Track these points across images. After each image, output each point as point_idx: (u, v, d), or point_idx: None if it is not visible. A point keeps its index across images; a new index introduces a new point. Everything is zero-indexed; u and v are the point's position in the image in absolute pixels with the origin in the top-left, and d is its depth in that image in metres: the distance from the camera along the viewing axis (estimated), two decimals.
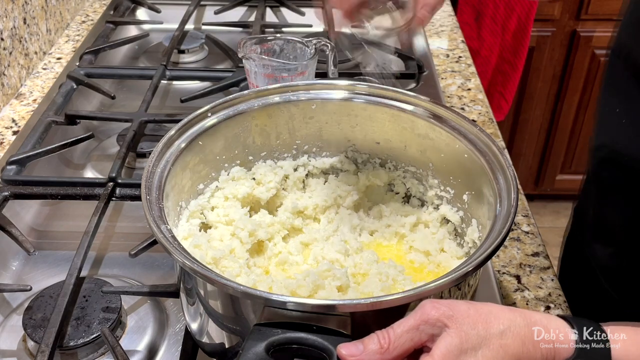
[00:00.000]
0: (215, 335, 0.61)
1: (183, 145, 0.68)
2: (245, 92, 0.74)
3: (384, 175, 0.78)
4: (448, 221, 0.73)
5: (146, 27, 1.40)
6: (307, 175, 0.79)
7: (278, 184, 0.76)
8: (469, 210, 0.70)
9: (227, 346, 0.60)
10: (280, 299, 0.51)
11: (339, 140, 0.78)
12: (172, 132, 0.67)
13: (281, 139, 0.77)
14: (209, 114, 0.71)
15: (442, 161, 0.72)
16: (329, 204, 0.76)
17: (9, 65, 1.10)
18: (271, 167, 0.77)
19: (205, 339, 0.62)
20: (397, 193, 0.78)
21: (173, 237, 0.57)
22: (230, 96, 0.73)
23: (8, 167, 0.90)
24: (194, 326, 0.63)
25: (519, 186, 0.81)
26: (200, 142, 0.70)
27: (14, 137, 1.01)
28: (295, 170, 0.79)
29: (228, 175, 0.75)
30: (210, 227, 0.72)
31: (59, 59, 1.24)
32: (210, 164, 0.73)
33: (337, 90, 0.75)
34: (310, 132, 0.77)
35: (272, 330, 0.50)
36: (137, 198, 0.85)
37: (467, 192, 0.70)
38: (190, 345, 0.69)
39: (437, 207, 0.75)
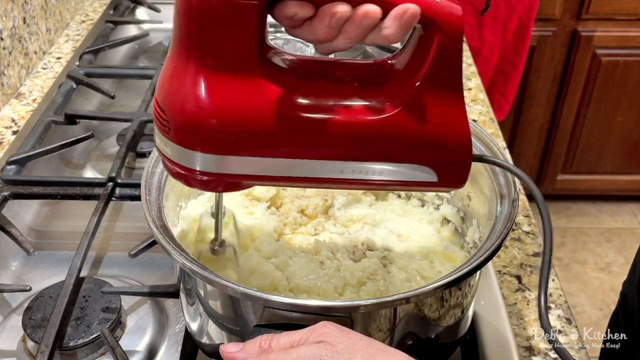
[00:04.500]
0: (215, 335, 0.61)
1: None
2: None
3: None
4: (449, 221, 0.73)
5: (146, 26, 1.40)
6: None
7: None
8: (469, 210, 0.70)
9: None
10: (280, 300, 0.51)
11: None
12: None
13: None
14: None
15: None
16: (330, 203, 0.76)
17: (8, 65, 1.10)
18: None
19: (205, 340, 0.62)
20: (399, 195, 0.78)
21: (172, 237, 0.57)
22: None
23: (8, 167, 0.90)
24: (194, 327, 0.63)
25: (520, 186, 0.80)
26: None
27: (14, 136, 1.01)
28: None
29: None
30: None
31: (58, 58, 1.24)
32: None
33: None
34: None
35: (272, 332, 0.50)
36: (137, 198, 0.85)
37: (468, 192, 0.70)
38: (190, 346, 0.69)
39: (437, 207, 0.74)
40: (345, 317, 0.51)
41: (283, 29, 0.50)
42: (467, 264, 0.53)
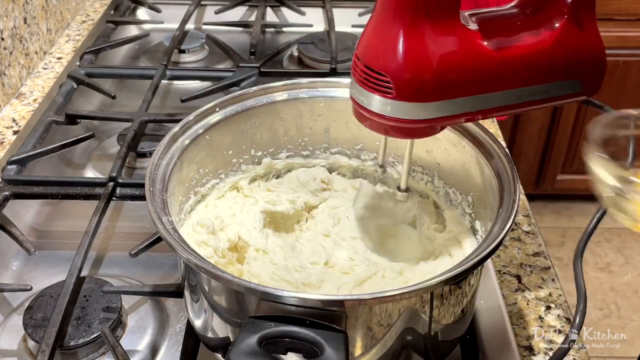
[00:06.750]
0: (220, 329, 0.61)
1: (190, 139, 0.68)
2: (254, 88, 0.74)
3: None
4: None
5: (147, 26, 1.40)
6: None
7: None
8: (473, 210, 0.70)
9: (231, 340, 0.60)
10: (275, 292, 0.51)
11: (346, 139, 0.78)
12: (177, 128, 0.68)
13: (289, 135, 0.77)
14: (217, 109, 0.71)
15: (448, 161, 0.72)
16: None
17: (9, 65, 1.10)
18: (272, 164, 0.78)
19: (210, 334, 0.62)
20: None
21: (174, 228, 0.57)
22: (238, 92, 0.73)
23: (8, 166, 0.90)
24: (198, 323, 0.63)
25: (520, 186, 0.81)
26: (207, 137, 0.70)
27: (15, 136, 1.01)
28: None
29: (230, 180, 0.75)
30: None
31: (59, 58, 1.24)
32: (217, 159, 0.73)
33: (343, 88, 0.74)
34: (318, 129, 0.77)
35: (265, 323, 0.50)
36: (138, 198, 0.85)
37: (471, 193, 0.70)
38: (191, 345, 0.69)
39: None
40: (341, 311, 0.51)
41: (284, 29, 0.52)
42: (465, 262, 0.53)
